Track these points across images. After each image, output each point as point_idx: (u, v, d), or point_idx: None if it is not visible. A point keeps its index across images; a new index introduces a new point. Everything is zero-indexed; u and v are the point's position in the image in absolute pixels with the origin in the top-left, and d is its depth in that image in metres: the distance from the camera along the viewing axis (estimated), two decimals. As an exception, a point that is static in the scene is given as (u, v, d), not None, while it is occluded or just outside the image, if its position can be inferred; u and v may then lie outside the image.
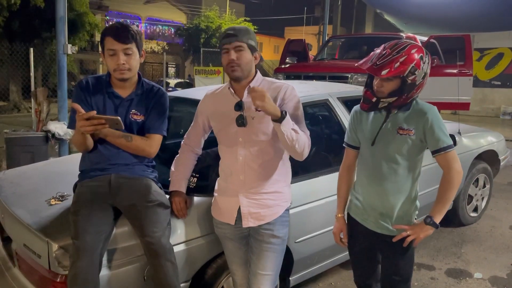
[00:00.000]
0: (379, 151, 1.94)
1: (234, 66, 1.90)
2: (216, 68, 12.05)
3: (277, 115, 1.78)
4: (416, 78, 1.81)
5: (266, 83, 2.02)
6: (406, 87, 1.82)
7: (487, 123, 12.54)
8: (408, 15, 15.57)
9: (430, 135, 1.85)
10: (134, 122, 2.06)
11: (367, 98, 1.92)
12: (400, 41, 1.86)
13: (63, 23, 5.84)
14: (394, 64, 1.77)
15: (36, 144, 5.37)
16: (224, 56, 1.93)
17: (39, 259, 1.92)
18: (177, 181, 2.16)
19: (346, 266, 3.31)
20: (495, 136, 4.59)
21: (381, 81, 1.85)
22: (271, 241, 2.01)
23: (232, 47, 1.89)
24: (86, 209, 1.91)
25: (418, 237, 1.88)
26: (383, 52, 1.83)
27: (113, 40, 1.93)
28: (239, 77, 1.93)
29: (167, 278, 1.91)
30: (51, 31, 11.89)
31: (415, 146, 1.89)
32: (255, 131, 1.95)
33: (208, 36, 23.00)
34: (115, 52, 1.94)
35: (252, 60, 1.95)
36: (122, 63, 1.95)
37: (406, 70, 1.78)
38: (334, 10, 22.75)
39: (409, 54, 1.79)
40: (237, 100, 1.96)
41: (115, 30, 1.95)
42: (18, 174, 2.88)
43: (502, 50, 15.12)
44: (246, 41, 1.91)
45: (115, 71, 1.97)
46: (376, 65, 1.81)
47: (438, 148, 1.85)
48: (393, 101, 1.86)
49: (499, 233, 4.26)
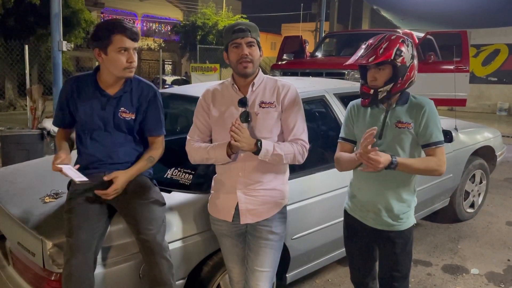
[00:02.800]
0: (378, 146, 1.93)
1: (247, 62, 1.88)
2: (212, 65, 12.01)
3: (252, 149, 1.84)
4: (404, 59, 1.86)
5: (268, 80, 2.02)
6: (399, 70, 1.86)
7: (484, 119, 12.57)
8: (404, 12, 15.58)
9: (424, 128, 1.88)
10: (123, 121, 2.02)
11: (365, 93, 1.93)
12: (380, 34, 1.94)
13: (58, 20, 5.81)
14: (378, 50, 1.84)
15: (31, 141, 5.34)
16: (234, 50, 1.90)
17: (34, 257, 1.90)
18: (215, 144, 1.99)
19: (343, 263, 3.30)
20: (491, 132, 4.60)
21: (373, 73, 1.88)
22: (269, 238, 2.00)
23: (245, 42, 1.88)
24: (80, 207, 1.90)
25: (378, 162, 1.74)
26: (367, 45, 1.90)
27: (127, 38, 1.90)
28: (251, 73, 1.93)
29: (162, 275, 1.90)
30: (46, 28, 11.82)
31: (414, 139, 1.91)
32: (259, 128, 1.94)
33: (204, 33, 22.91)
34: (128, 50, 1.92)
35: (259, 57, 1.95)
36: (135, 61, 1.95)
37: (392, 54, 1.83)
38: (331, 7, 22.73)
39: (389, 40, 1.87)
40: (241, 97, 1.96)
41: (127, 28, 1.91)
42: (13, 171, 2.86)
43: (499, 46, 15.12)
44: (256, 37, 1.91)
45: (125, 69, 1.95)
46: (362, 57, 1.87)
47: (429, 142, 1.89)
48: (391, 88, 1.87)
49: (495, 229, 4.26)
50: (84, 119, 2.01)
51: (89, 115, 2.00)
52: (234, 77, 2.00)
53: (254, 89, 1.97)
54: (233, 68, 1.95)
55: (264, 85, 2.00)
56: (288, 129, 1.99)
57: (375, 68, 1.87)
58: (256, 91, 1.98)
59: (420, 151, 1.96)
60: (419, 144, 1.93)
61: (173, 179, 2.36)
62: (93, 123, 2.00)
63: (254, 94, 1.97)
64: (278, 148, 1.89)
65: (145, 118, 2.07)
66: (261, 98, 1.97)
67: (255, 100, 1.96)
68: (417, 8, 14.45)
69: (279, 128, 1.99)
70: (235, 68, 1.93)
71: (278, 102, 1.97)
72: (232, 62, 1.92)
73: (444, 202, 4.03)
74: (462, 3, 13.28)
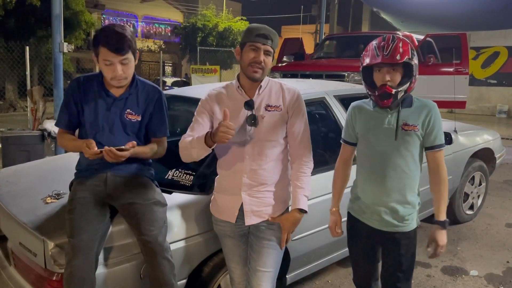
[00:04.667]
0: (383, 148, 1.95)
1: (259, 68, 1.89)
2: (212, 67, 12.03)
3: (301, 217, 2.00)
4: (415, 58, 1.89)
5: (273, 83, 2.03)
6: (413, 70, 1.88)
7: (483, 121, 12.59)
8: (404, 14, 15.58)
9: (430, 131, 1.90)
10: (129, 122, 2.02)
11: (388, 93, 1.87)
12: (385, 36, 1.91)
13: (59, 21, 5.81)
14: (399, 49, 1.83)
15: (32, 142, 5.35)
16: (250, 52, 1.89)
17: (35, 257, 1.91)
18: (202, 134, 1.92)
19: (343, 264, 3.31)
20: (491, 134, 4.61)
21: (386, 74, 1.86)
22: (272, 238, 2.01)
23: (264, 48, 1.88)
24: (82, 208, 1.90)
25: (445, 245, 1.99)
26: (381, 45, 1.86)
27: (109, 52, 1.85)
28: (258, 79, 1.93)
29: (164, 276, 1.91)
30: (47, 29, 11.83)
31: (419, 141, 1.93)
32: (264, 131, 1.95)
33: (205, 34, 22.91)
34: (112, 63, 1.88)
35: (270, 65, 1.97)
36: (120, 73, 1.90)
37: (409, 52, 1.85)
38: (331, 9, 22.73)
39: (402, 40, 1.88)
40: (247, 99, 1.96)
41: (111, 41, 1.83)
42: (14, 172, 2.87)
43: (498, 49, 15.16)
44: (275, 47, 1.93)
45: (112, 80, 1.93)
46: (387, 55, 1.84)
47: (434, 145, 1.92)
48: (407, 87, 1.89)
49: (495, 230, 4.27)
50: (89, 119, 2.00)
51: (94, 115, 1.99)
52: (240, 79, 2.00)
53: (261, 92, 1.98)
54: (243, 68, 1.94)
55: (270, 88, 2.01)
56: (293, 136, 2.01)
57: (389, 68, 1.86)
58: (262, 94, 1.99)
59: (423, 152, 1.97)
60: (423, 146, 1.94)
61: (174, 180, 2.37)
62: (97, 124, 1.99)
63: (260, 97, 1.98)
64: (307, 192, 2.01)
65: (150, 120, 2.08)
66: (267, 101, 1.98)
67: (261, 103, 1.97)
68: (417, 10, 14.45)
69: (285, 131, 2.01)
70: (244, 68, 1.92)
71: (284, 106, 1.99)
72: (244, 62, 1.91)
73: (444, 204, 4.03)
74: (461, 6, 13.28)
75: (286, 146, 2.05)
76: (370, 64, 1.90)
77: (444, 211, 1.98)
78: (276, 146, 1.99)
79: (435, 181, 1.96)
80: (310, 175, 2.04)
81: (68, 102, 2.01)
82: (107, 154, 1.81)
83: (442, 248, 1.96)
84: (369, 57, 1.90)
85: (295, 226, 2.01)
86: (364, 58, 1.94)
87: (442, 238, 1.96)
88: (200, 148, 1.86)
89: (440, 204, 1.96)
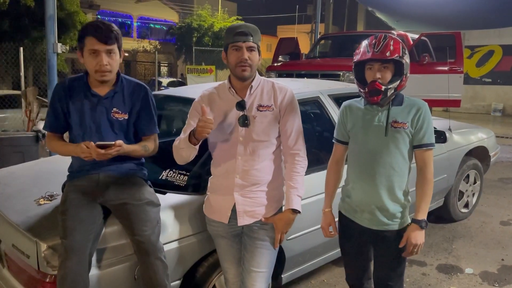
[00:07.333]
0: (373, 146, 1.95)
1: (246, 66, 1.88)
2: (208, 67, 12.01)
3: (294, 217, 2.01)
4: (407, 57, 1.91)
5: (265, 83, 2.03)
6: (404, 68, 1.90)
7: (478, 120, 12.64)
8: (399, 13, 15.62)
9: (419, 129, 1.91)
10: (116, 121, 2.01)
11: (378, 90, 1.88)
12: (377, 34, 1.95)
13: (53, 22, 5.77)
14: (389, 46, 1.86)
15: (26, 144, 5.31)
16: (233, 53, 1.89)
17: (28, 259, 1.90)
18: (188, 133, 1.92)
19: (338, 263, 3.32)
20: (485, 132, 4.63)
21: (377, 71, 1.88)
22: (265, 239, 2.01)
23: (246, 46, 1.87)
24: (74, 209, 1.90)
25: (420, 245, 1.94)
26: (372, 42, 1.90)
27: (96, 41, 1.86)
28: (248, 77, 1.92)
29: (157, 276, 1.91)
30: (41, 30, 11.78)
31: (408, 139, 1.94)
32: (256, 131, 1.95)
33: (200, 35, 22.89)
34: (98, 52, 1.88)
35: (258, 61, 1.95)
36: (105, 64, 1.89)
37: (400, 50, 1.87)
38: (326, 9, 22.78)
39: (393, 38, 1.90)
40: (238, 100, 1.95)
41: (98, 30, 1.86)
42: (7, 174, 2.85)
43: (493, 48, 15.23)
44: (257, 41, 1.91)
45: (96, 73, 1.91)
46: (377, 52, 1.87)
47: (422, 143, 1.93)
48: (397, 85, 1.90)
49: (489, 228, 4.29)
50: (75, 120, 1.99)
51: (80, 116, 1.98)
52: (231, 80, 2.00)
53: (252, 92, 1.98)
54: (231, 69, 1.94)
55: (261, 88, 2.00)
56: (286, 135, 2.01)
57: (379, 65, 1.88)
58: (253, 94, 1.98)
59: (412, 151, 1.98)
60: (412, 145, 1.95)
61: (168, 180, 2.36)
62: (84, 124, 1.98)
63: (251, 97, 1.97)
64: (300, 192, 2.00)
65: (138, 118, 2.06)
66: (259, 101, 1.97)
67: (252, 103, 1.96)
68: (412, 9, 14.49)
69: (277, 131, 2.01)
70: (233, 70, 1.92)
71: (276, 105, 1.98)
72: (231, 64, 1.91)
73: (439, 202, 4.05)
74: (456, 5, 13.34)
75: (279, 145, 2.05)
76: (360, 59, 1.92)
77: (424, 211, 1.95)
78: (268, 146, 1.98)
79: (420, 180, 1.96)
80: (304, 174, 2.03)
81: (54, 106, 2.01)
82: (94, 150, 1.79)
83: (416, 247, 1.93)
84: (360, 54, 1.93)
85: (289, 226, 2.01)
86: (356, 55, 1.96)
87: (416, 237, 1.92)
88: (187, 147, 1.87)
89: (420, 203, 1.95)
